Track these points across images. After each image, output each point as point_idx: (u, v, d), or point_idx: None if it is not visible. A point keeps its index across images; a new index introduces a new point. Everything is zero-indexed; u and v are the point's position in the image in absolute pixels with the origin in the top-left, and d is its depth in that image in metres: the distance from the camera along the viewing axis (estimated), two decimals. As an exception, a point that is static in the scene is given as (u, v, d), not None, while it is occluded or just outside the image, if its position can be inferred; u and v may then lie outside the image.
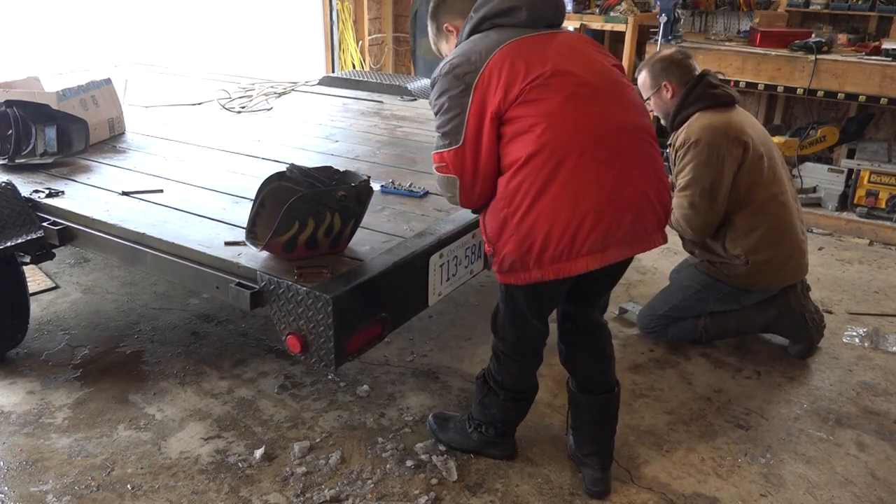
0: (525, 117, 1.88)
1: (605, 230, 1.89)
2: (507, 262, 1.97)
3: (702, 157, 2.82)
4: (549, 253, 1.90)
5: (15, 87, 3.26)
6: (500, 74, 1.88)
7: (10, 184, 2.60)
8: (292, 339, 2.01)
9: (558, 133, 1.86)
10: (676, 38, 5.08)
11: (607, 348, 2.33)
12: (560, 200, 1.86)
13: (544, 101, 1.87)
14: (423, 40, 6.07)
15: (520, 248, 1.92)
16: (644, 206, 1.95)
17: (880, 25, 4.88)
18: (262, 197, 2.17)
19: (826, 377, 3.03)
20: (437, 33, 2.24)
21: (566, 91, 1.89)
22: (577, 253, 1.89)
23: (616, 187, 1.90)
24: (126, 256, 2.42)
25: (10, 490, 2.32)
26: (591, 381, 2.31)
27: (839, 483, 2.43)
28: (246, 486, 2.36)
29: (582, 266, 1.91)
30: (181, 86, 4.69)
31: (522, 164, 1.88)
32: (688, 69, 2.97)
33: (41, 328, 3.26)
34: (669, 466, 2.49)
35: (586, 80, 1.93)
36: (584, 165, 1.87)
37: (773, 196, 2.92)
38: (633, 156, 1.95)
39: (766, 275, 2.97)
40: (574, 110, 1.89)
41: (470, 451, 2.48)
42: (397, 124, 3.86)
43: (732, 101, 2.93)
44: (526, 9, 1.98)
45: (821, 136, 4.73)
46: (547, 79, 1.88)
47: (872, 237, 4.56)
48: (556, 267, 1.91)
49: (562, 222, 1.87)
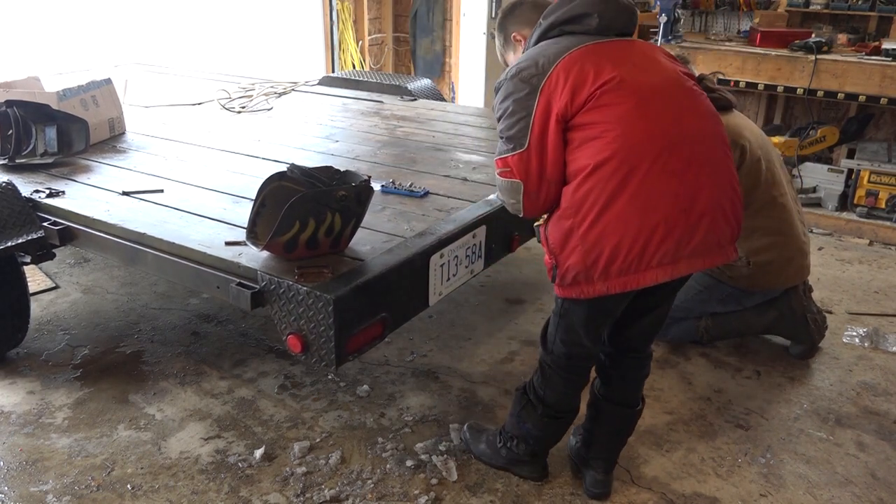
0: (594, 124, 1.82)
1: (676, 241, 1.83)
2: (571, 274, 1.90)
3: None
4: (616, 265, 1.83)
5: (15, 87, 3.26)
6: (566, 78, 1.82)
7: (10, 184, 2.59)
8: (293, 338, 2.01)
9: (629, 140, 1.80)
10: (676, 38, 5.08)
11: (645, 368, 2.27)
12: (630, 210, 1.80)
13: (615, 107, 1.81)
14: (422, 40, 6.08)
15: (585, 259, 1.85)
16: (718, 217, 1.89)
17: (880, 25, 4.89)
18: (263, 197, 2.17)
19: (826, 377, 3.03)
20: (504, 43, 2.22)
21: (637, 97, 1.83)
22: (647, 265, 1.83)
23: (689, 197, 1.84)
24: (126, 256, 2.42)
25: (10, 490, 2.32)
26: (620, 393, 2.27)
27: (839, 483, 2.43)
28: (246, 486, 2.36)
29: (651, 278, 1.84)
30: (181, 86, 4.69)
31: (591, 171, 1.81)
32: None
33: (41, 328, 3.26)
34: (669, 466, 2.49)
35: (659, 87, 1.88)
36: (656, 174, 1.81)
37: (773, 198, 2.92)
38: (706, 165, 1.88)
39: (769, 276, 2.97)
40: (646, 117, 1.83)
41: (498, 466, 2.41)
42: (397, 124, 3.86)
43: (729, 104, 2.93)
44: (598, 15, 1.93)
45: (821, 136, 4.73)
46: (617, 84, 1.82)
47: (872, 237, 4.56)
48: (624, 280, 1.85)
49: (631, 233, 1.80)
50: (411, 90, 4.55)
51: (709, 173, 1.88)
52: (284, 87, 4.60)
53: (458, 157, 3.24)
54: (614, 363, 2.25)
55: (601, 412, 2.30)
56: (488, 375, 2.98)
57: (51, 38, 4.54)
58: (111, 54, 5.03)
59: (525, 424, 2.29)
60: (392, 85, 4.64)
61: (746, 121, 3.01)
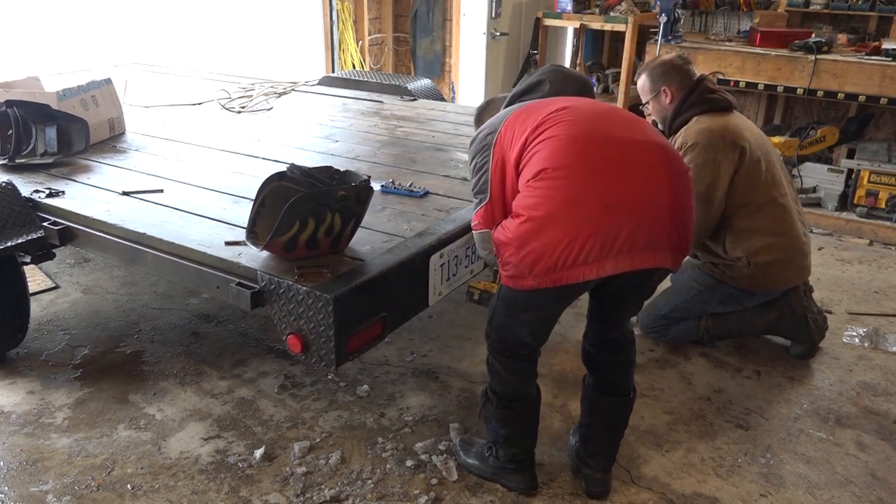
0: (537, 150, 1.93)
1: (601, 240, 1.85)
2: (511, 269, 1.98)
3: (698, 160, 2.82)
4: (542, 264, 1.89)
5: (15, 87, 3.26)
6: (512, 129, 2.00)
7: (10, 184, 2.60)
8: (293, 338, 2.02)
9: (559, 150, 1.89)
10: (676, 38, 5.08)
11: (630, 353, 2.30)
12: (556, 209, 1.87)
13: (552, 130, 1.93)
14: (422, 40, 6.08)
15: (519, 255, 1.92)
16: (647, 218, 1.88)
17: (880, 25, 4.89)
18: (263, 197, 2.17)
19: (826, 377, 3.03)
20: None
21: (573, 118, 1.94)
22: (574, 262, 1.86)
23: (611, 193, 1.86)
24: (126, 256, 2.42)
25: (10, 490, 2.32)
26: (609, 382, 2.28)
27: (839, 483, 2.43)
28: (246, 486, 2.36)
29: (578, 275, 1.87)
30: (181, 86, 4.70)
31: (529, 179, 1.92)
32: (687, 75, 2.96)
33: (41, 328, 3.26)
34: (669, 466, 2.49)
35: (593, 109, 2.00)
36: (578, 173, 1.88)
37: (772, 199, 2.92)
38: (639, 167, 1.91)
39: (769, 277, 2.97)
40: (576, 127, 1.93)
41: (487, 477, 2.38)
42: (397, 124, 3.86)
43: (730, 105, 2.93)
44: (548, 81, 2.14)
45: (821, 136, 4.73)
46: (552, 114, 1.95)
47: (872, 237, 4.56)
48: (552, 276, 1.90)
49: (558, 232, 1.86)
50: (411, 90, 4.56)
51: (641, 174, 1.91)
52: (284, 87, 4.61)
53: (457, 157, 3.24)
54: (598, 352, 2.29)
55: (593, 404, 2.31)
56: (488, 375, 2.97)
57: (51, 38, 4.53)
58: (111, 54, 5.03)
59: (490, 424, 2.30)
60: (392, 85, 4.64)
61: (746, 121, 3.01)
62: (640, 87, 3.07)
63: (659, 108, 3.03)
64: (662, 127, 3.08)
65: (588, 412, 2.33)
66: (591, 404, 2.32)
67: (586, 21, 5.56)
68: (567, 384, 2.92)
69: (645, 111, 3.13)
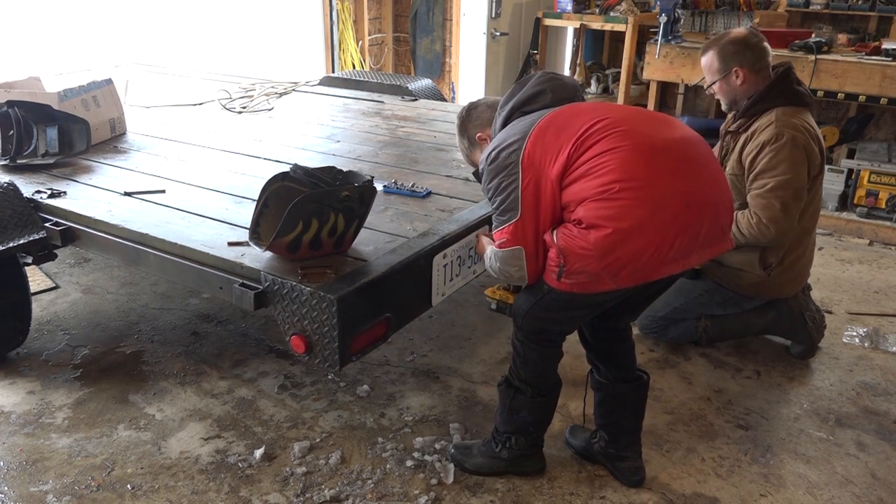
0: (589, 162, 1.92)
1: (689, 236, 1.92)
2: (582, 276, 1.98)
3: (795, 156, 2.66)
4: (630, 268, 1.92)
5: (16, 88, 3.26)
6: (542, 145, 1.97)
7: (11, 184, 2.59)
8: (296, 339, 2.02)
9: (625, 162, 1.89)
10: (676, 39, 5.08)
11: (628, 341, 2.38)
12: (642, 216, 1.88)
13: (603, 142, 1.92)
14: (422, 40, 6.08)
15: (602, 264, 1.93)
16: (720, 208, 1.99)
17: (880, 25, 4.89)
18: (266, 197, 2.17)
19: (826, 377, 3.04)
20: (469, 146, 2.36)
21: (615, 128, 1.94)
22: (661, 261, 1.92)
23: (689, 192, 1.92)
24: (129, 257, 2.42)
25: (10, 490, 2.32)
26: (626, 370, 2.36)
27: (839, 483, 2.43)
28: (246, 486, 2.36)
29: (665, 271, 1.95)
30: (182, 86, 4.69)
31: (600, 194, 1.90)
32: (763, 54, 2.76)
33: (41, 328, 3.26)
34: (669, 466, 2.49)
35: (631, 116, 2.05)
36: (655, 178, 1.90)
37: (814, 211, 2.90)
38: (695, 163, 1.98)
39: (778, 287, 2.97)
40: (630, 137, 1.94)
41: (501, 472, 2.38)
42: (398, 124, 3.86)
43: (812, 101, 2.81)
44: (550, 91, 2.15)
45: (821, 137, 4.73)
46: (593, 127, 1.95)
47: (872, 237, 4.57)
48: (635, 276, 1.95)
49: (647, 237, 1.90)
50: (412, 90, 4.56)
51: (700, 169, 1.98)
52: (285, 88, 4.60)
53: (459, 158, 3.22)
54: (611, 345, 2.35)
55: (618, 396, 2.36)
56: (488, 375, 2.98)
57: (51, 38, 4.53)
58: (112, 54, 5.02)
59: (519, 414, 2.30)
60: (392, 85, 4.64)
61: (814, 122, 2.85)
62: (707, 65, 2.85)
63: (728, 90, 2.82)
64: (728, 109, 2.91)
65: (612, 409, 2.38)
66: (614, 398, 2.37)
67: (586, 21, 5.56)
68: (567, 384, 2.89)
69: (709, 91, 2.91)
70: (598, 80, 6.05)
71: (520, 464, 2.39)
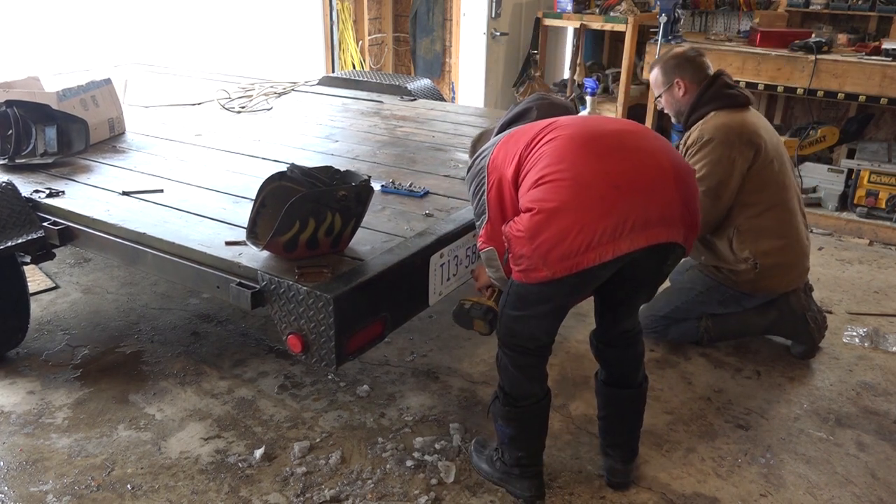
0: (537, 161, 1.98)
1: (616, 218, 1.88)
2: (524, 262, 1.98)
3: (713, 155, 2.81)
4: (557, 251, 1.90)
5: (15, 87, 3.26)
6: (505, 149, 2.08)
7: (10, 184, 2.60)
8: (293, 338, 2.02)
9: (561, 152, 1.95)
10: (676, 38, 5.08)
11: (639, 346, 2.32)
12: (567, 196, 1.90)
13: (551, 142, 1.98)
14: (422, 40, 6.08)
15: (532, 247, 1.94)
16: (658, 193, 1.94)
17: (880, 25, 4.88)
18: (263, 197, 2.17)
19: (826, 377, 3.03)
20: None
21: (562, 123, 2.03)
22: (588, 246, 1.88)
23: (620, 174, 1.90)
24: (127, 256, 2.42)
25: (10, 490, 2.32)
26: (618, 376, 2.32)
27: (839, 483, 2.43)
28: (246, 486, 2.36)
29: (593, 258, 1.89)
30: (181, 86, 4.69)
31: (536, 182, 1.96)
32: (701, 67, 2.95)
33: (41, 328, 3.26)
34: (669, 466, 2.49)
35: (583, 118, 2.15)
36: (584, 159, 1.93)
37: (782, 201, 2.91)
38: (639, 151, 1.98)
39: (772, 280, 2.96)
40: (574, 129, 2.01)
41: (495, 481, 2.37)
42: (397, 124, 3.86)
43: (748, 101, 2.92)
44: (536, 108, 2.25)
45: (821, 136, 4.73)
46: (544, 129, 2.03)
47: (872, 237, 4.56)
48: (567, 264, 1.92)
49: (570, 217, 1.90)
50: (411, 90, 4.55)
51: (644, 156, 1.97)
52: (284, 87, 4.60)
53: (457, 157, 3.24)
54: (606, 347, 2.32)
55: (607, 398, 2.36)
56: (488, 375, 2.98)
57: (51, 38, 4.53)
58: (111, 54, 5.03)
59: (497, 423, 2.28)
60: (392, 85, 4.64)
61: (763, 120, 2.99)
62: (653, 79, 3.07)
63: (672, 101, 3.02)
64: (676, 121, 3.08)
65: (603, 405, 2.38)
66: (604, 398, 2.37)
67: (586, 21, 5.56)
68: (567, 384, 2.92)
69: (658, 105, 3.12)
70: (598, 80, 6.03)
71: (509, 481, 2.32)
